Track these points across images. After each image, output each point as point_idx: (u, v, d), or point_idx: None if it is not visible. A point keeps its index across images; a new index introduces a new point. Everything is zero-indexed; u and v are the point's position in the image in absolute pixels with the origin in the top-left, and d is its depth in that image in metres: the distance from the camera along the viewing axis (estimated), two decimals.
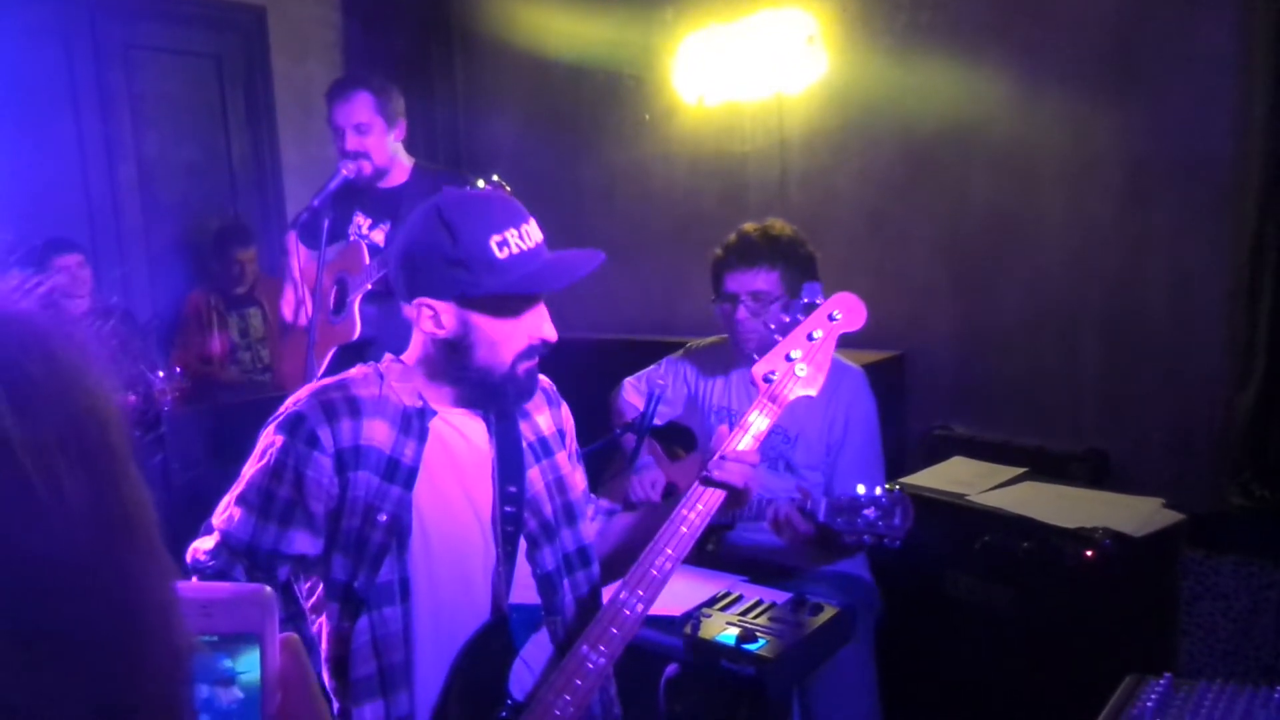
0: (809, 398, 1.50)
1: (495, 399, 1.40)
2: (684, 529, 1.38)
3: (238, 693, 0.52)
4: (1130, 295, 2.67)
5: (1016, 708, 2.13)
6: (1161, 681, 1.48)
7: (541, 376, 1.50)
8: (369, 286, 2.54)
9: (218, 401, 3.77)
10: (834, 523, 1.66)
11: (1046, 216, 2.81)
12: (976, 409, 2.96)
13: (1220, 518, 2.13)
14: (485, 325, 1.34)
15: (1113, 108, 2.64)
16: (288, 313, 2.75)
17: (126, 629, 0.38)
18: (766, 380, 1.47)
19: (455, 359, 1.36)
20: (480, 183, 2.31)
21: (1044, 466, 2.59)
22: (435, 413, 1.39)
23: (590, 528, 1.55)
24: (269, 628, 0.52)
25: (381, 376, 1.40)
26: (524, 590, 1.42)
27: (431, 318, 1.34)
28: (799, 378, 1.47)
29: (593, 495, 1.62)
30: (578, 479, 1.56)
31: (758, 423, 1.44)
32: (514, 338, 1.36)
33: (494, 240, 1.30)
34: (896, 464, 2.38)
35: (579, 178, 3.96)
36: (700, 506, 1.40)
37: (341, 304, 2.62)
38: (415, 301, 1.35)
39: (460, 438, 1.41)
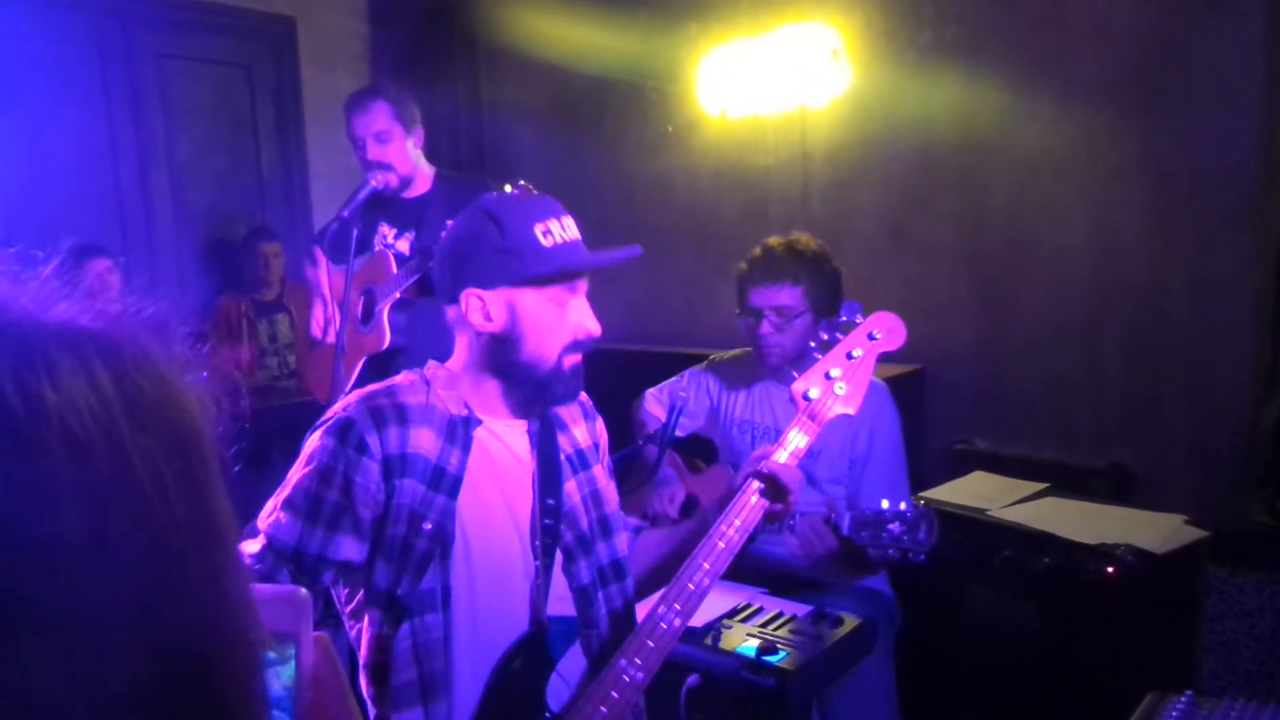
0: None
1: (541, 396, 1.41)
2: (721, 544, 1.39)
3: (274, 689, 0.54)
4: (1154, 308, 2.66)
5: None
6: (1183, 699, 1.48)
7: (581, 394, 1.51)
8: (397, 295, 2.57)
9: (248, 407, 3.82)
10: (858, 537, 1.67)
11: (1069, 229, 2.81)
12: (998, 423, 2.95)
13: (1244, 535, 2.13)
14: (532, 314, 1.37)
15: (1137, 119, 2.64)
16: (316, 329, 2.78)
17: (216, 629, 0.41)
18: (806, 399, 1.48)
19: (503, 354, 1.38)
20: (507, 187, 2.34)
21: (1066, 481, 2.58)
22: (480, 422, 1.41)
23: (625, 541, 1.56)
24: (304, 627, 0.55)
25: (428, 384, 1.42)
26: (560, 602, 1.43)
27: (481, 309, 1.37)
28: (838, 396, 1.48)
29: (620, 512, 1.63)
30: (612, 492, 1.57)
31: (796, 440, 1.45)
32: (560, 329, 1.38)
33: (539, 229, 1.36)
34: (917, 478, 2.38)
35: (601, 188, 3.99)
36: (738, 521, 1.40)
37: (370, 314, 2.66)
38: (464, 294, 1.37)
39: (503, 447, 1.42)
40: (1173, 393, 2.63)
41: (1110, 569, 2.05)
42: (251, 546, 1.37)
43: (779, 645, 1.71)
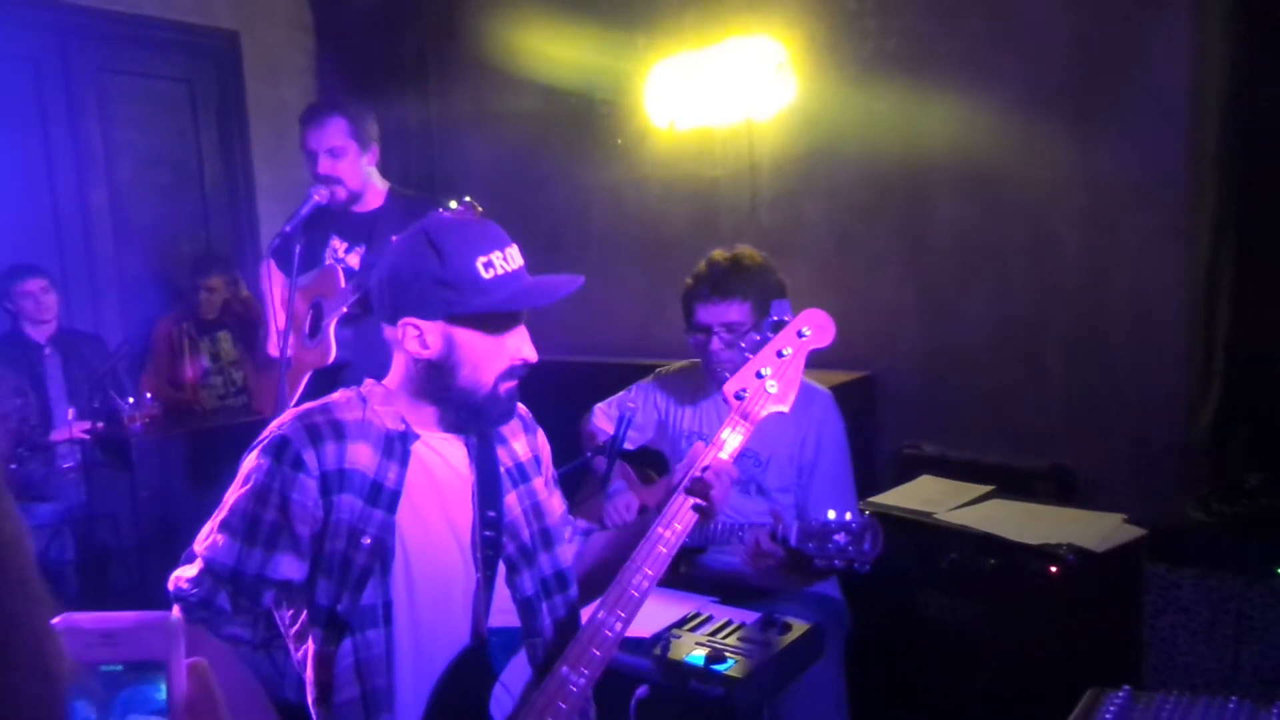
0: (780, 420, 1.51)
1: (477, 420, 1.42)
2: (661, 548, 1.39)
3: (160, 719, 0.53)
4: (1093, 316, 2.73)
5: None
6: (1120, 694, 1.51)
7: (520, 405, 1.51)
8: (344, 310, 2.55)
9: (189, 427, 3.75)
10: (805, 548, 1.68)
11: (1010, 239, 2.87)
12: (944, 428, 3.00)
13: (1181, 532, 2.18)
14: (469, 345, 1.36)
15: (1073, 133, 2.71)
16: (272, 349, 2.75)
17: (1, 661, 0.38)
18: (738, 397, 1.48)
19: (438, 379, 1.38)
20: (453, 204, 2.33)
21: (1011, 484, 2.63)
22: (418, 436, 1.40)
23: (568, 551, 1.55)
24: (174, 654, 0.53)
25: (364, 400, 1.42)
26: (503, 614, 1.43)
27: (417, 338, 1.36)
28: (770, 394, 1.49)
29: (570, 517, 1.63)
30: (555, 503, 1.57)
31: (731, 440, 1.46)
32: (496, 358, 1.38)
33: (480, 261, 1.34)
34: (866, 483, 2.41)
35: (552, 201, 3.99)
36: (677, 525, 1.41)
37: (317, 328, 2.62)
38: (401, 322, 1.36)
39: (441, 461, 1.42)
40: (1112, 397, 2.70)
41: (1053, 568, 2.09)
42: (189, 571, 1.36)
43: (728, 653, 1.71)
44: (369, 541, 1.33)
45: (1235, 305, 2.36)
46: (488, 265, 1.34)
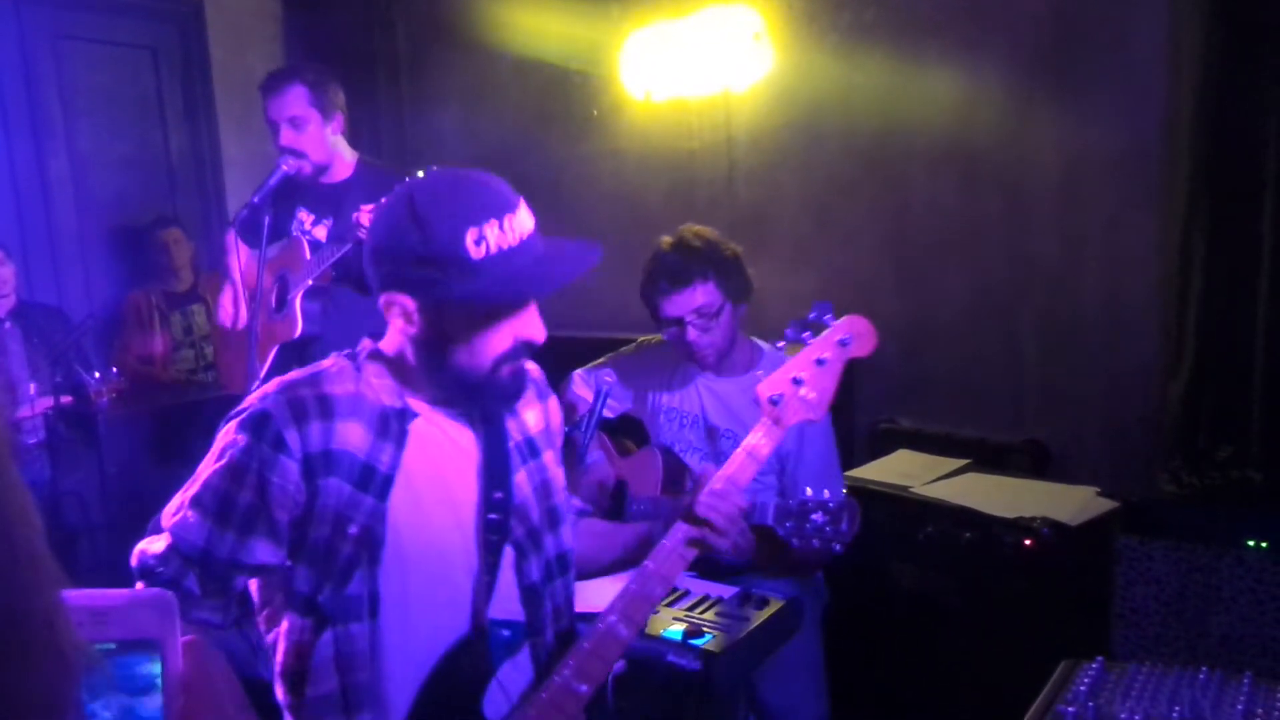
0: (756, 402, 1.49)
1: (474, 401, 1.30)
2: (676, 563, 1.34)
3: (140, 698, 0.52)
4: (1067, 289, 2.73)
5: (959, 693, 2.18)
6: (1094, 665, 1.52)
7: (531, 366, 1.38)
8: (310, 283, 2.50)
9: (158, 402, 3.68)
10: (782, 527, 1.67)
11: (986, 212, 2.87)
12: (921, 402, 3.01)
13: (1152, 504, 2.20)
14: (460, 329, 1.22)
15: (1048, 104, 2.70)
16: (225, 316, 2.69)
17: (12, 640, 0.37)
18: (772, 403, 1.42)
19: (430, 357, 1.25)
20: (420, 174, 2.29)
21: (986, 458, 2.65)
22: (416, 415, 1.27)
23: (570, 531, 1.45)
24: (169, 632, 0.52)
25: (358, 370, 1.28)
26: (503, 603, 1.32)
27: (401, 314, 1.23)
28: (805, 402, 1.42)
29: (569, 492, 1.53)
30: (561, 479, 1.45)
31: (760, 446, 1.40)
32: (494, 339, 1.23)
33: (470, 236, 1.16)
34: (844, 457, 2.41)
35: (526, 173, 3.90)
36: (682, 561, 1.36)
37: (283, 301, 2.57)
38: (383, 297, 1.23)
39: (444, 439, 1.30)
40: (1086, 370, 2.71)
41: (1027, 541, 2.11)
42: (156, 545, 1.26)
43: (705, 628, 1.71)
44: (356, 531, 1.22)
45: (1207, 280, 2.37)
46: (479, 240, 1.16)
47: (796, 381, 1.42)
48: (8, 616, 0.38)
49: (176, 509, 1.26)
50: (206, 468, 1.25)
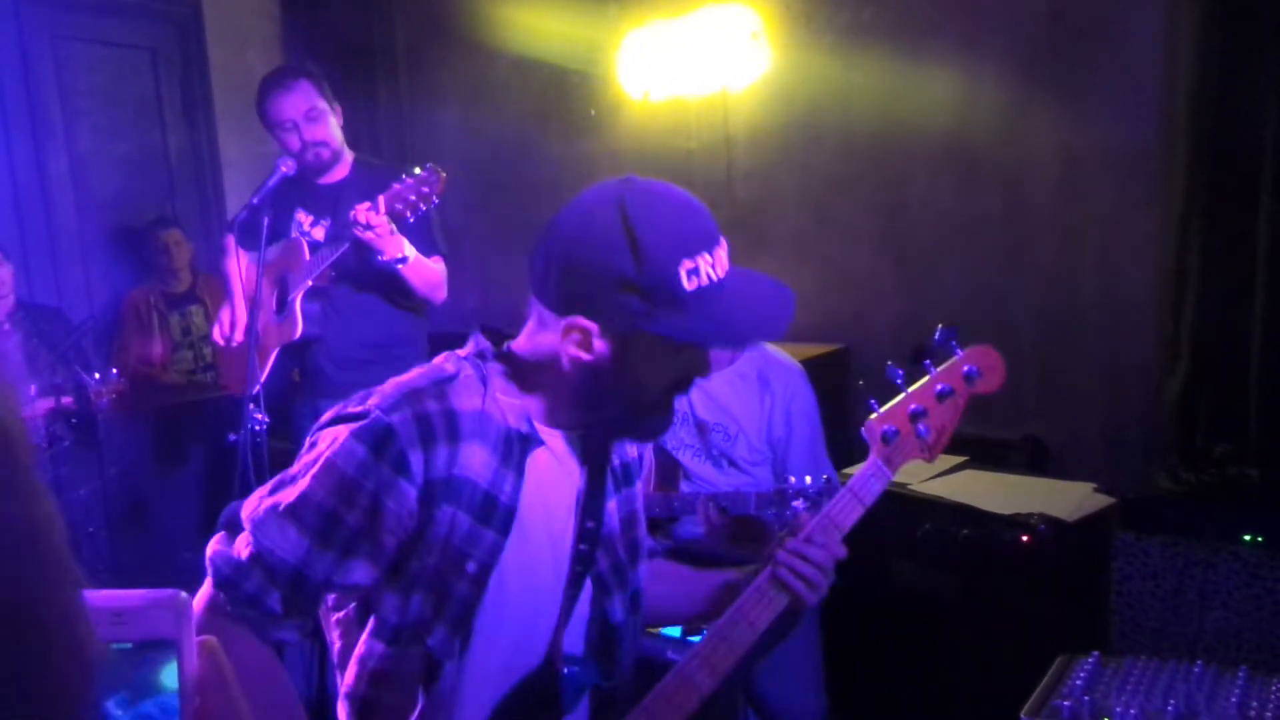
0: (747, 393, 1.49)
1: (627, 431, 1.19)
2: (766, 601, 1.22)
3: (156, 698, 0.52)
4: (1065, 287, 2.74)
5: (957, 688, 2.19)
6: (1090, 659, 1.53)
7: None
8: (309, 284, 2.51)
9: (158, 403, 3.69)
10: (765, 515, 1.67)
11: (985, 209, 2.87)
12: None
13: (1149, 501, 2.21)
14: (645, 358, 1.10)
15: (1046, 101, 2.71)
16: (221, 333, 2.70)
17: (33, 640, 0.38)
18: (885, 440, 1.25)
19: (590, 382, 1.12)
20: (417, 170, 2.30)
21: (984, 454, 2.65)
22: (542, 442, 1.15)
23: (644, 570, 1.33)
24: (184, 632, 0.52)
25: (484, 381, 1.14)
26: (570, 639, 1.21)
27: (580, 341, 1.09)
28: (923, 443, 1.26)
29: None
30: (643, 511, 1.34)
31: (868, 490, 1.25)
32: (669, 369, 1.12)
33: (685, 268, 1.05)
34: (842, 454, 2.42)
35: (524, 172, 3.94)
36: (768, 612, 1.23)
37: (283, 304, 2.58)
38: (565, 321, 1.09)
39: (557, 467, 1.18)
40: (1084, 367, 2.72)
41: (1025, 537, 2.11)
42: (235, 550, 1.11)
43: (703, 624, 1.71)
44: (474, 569, 1.10)
45: (1203, 277, 2.37)
46: (692, 273, 1.05)
47: (914, 416, 1.25)
48: (33, 613, 0.38)
49: (264, 515, 1.10)
50: (309, 476, 1.09)
